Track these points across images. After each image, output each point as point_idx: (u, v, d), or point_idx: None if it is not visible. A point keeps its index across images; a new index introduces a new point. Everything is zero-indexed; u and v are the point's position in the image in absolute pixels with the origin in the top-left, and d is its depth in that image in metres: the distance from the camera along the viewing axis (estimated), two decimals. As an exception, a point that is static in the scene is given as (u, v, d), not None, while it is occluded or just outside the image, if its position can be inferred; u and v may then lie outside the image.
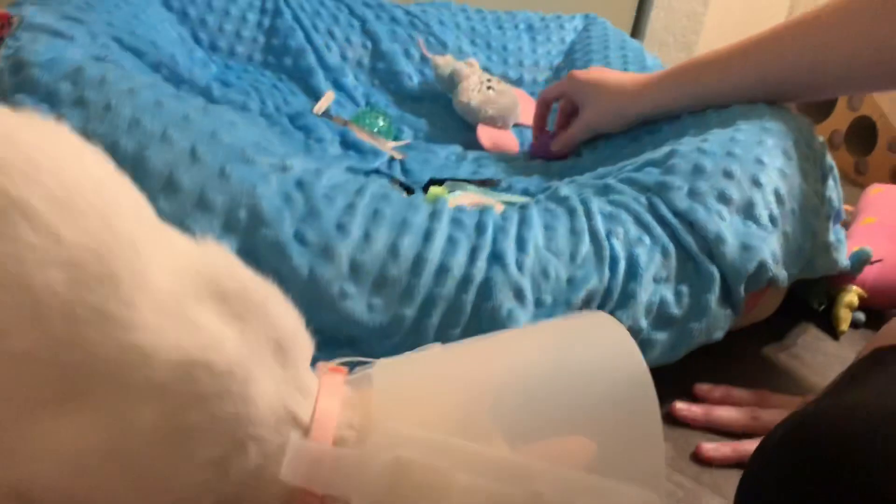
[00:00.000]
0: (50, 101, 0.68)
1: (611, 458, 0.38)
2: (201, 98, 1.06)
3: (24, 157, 0.38)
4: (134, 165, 0.65)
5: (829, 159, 0.92)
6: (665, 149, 0.87)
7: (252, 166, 0.67)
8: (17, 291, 0.35)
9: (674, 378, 0.75)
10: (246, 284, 0.42)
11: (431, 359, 0.47)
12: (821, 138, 0.93)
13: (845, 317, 0.95)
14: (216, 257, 0.43)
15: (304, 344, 0.44)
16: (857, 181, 1.58)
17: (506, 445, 0.39)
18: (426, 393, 0.43)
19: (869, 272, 0.97)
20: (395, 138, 1.18)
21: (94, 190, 0.41)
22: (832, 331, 0.95)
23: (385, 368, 0.44)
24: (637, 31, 1.63)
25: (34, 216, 0.36)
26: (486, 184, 1.05)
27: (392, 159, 1.08)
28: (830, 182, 0.91)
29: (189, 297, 0.40)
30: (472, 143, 1.19)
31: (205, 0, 1.22)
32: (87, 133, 0.66)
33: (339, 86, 1.24)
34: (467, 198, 0.94)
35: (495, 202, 0.93)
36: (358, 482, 0.38)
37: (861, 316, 0.97)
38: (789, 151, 0.84)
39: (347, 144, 1.07)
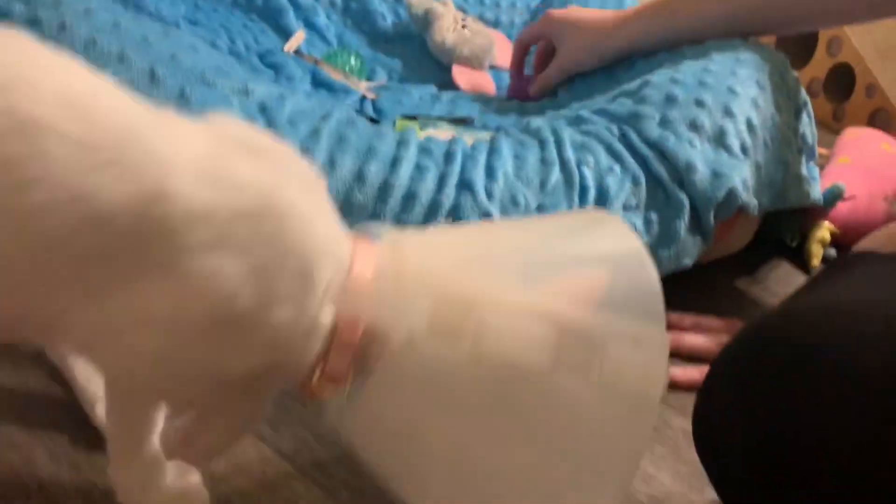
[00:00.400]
0: (2, 20, 0.66)
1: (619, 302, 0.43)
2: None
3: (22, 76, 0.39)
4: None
5: (804, 94, 0.91)
6: (638, 80, 0.86)
7: (213, 89, 0.66)
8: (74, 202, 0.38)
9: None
10: (267, 140, 0.45)
11: (449, 229, 0.55)
12: (795, 73, 0.92)
13: (817, 252, 0.95)
14: (230, 123, 0.45)
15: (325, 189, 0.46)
16: (834, 128, 1.57)
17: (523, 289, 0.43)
18: (447, 248, 0.47)
19: (841, 208, 0.97)
20: (369, 79, 1.16)
21: (93, 93, 0.42)
22: (804, 266, 0.95)
23: (401, 233, 0.47)
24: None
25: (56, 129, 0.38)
26: (460, 122, 1.03)
27: (364, 98, 1.07)
28: (805, 117, 0.91)
29: (227, 157, 0.42)
30: (447, 84, 1.17)
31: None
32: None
33: (310, 25, 1.22)
34: (439, 133, 0.93)
35: (467, 137, 0.92)
36: (398, 313, 0.41)
37: (833, 252, 0.97)
38: (763, 82, 0.83)
39: (318, 83, 1.06)
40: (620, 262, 0.46)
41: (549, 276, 0.44)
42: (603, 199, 0.73)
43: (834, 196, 0.94)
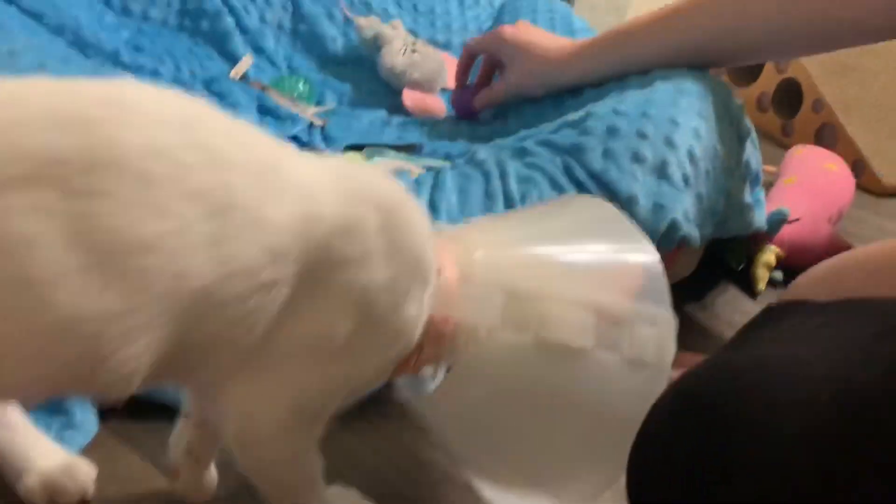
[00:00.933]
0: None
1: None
2: (100, 59, 1.02)
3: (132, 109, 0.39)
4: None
5: (748, 122, 0.92)
6: (582, 111, 0.87)
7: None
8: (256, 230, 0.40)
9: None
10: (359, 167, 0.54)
11: (492, 223, 0.63)
12: (739, 101, 0.93)
13: (763, 276, 0.96)
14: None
15: None
16: (784, 143, 1.60)
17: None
18: (501, 244, 0.55)
19: (786, 231, 0.98)
20: (318, 103, 1.15)
21: (243, 128, 0.44)
22: (751, 290, 0.96)
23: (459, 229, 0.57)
24: (568, -8, 1.62)
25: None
26: (408, 149, 1.03)
27: (312, 125, 1.06)
28: (748, 145, 0.92)
29: (348, 178, 0.47)
30: (398, 108, 1.17)
31: (115, -40, 1.16)
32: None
33: (259, 50, 1.20)
34: (386, 164, 0.92)
35: (414, 167, 0.92)
36: (480, 308, 0.50)
37: (779, 275, 0.99)
38: (705, 113, 0.84)
39: (265, 110, 1.04)
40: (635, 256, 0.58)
41: (586, 272, 0.56)
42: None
43: (778, 221, 0.95)
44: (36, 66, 0.65)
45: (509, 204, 0.73)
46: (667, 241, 0.76)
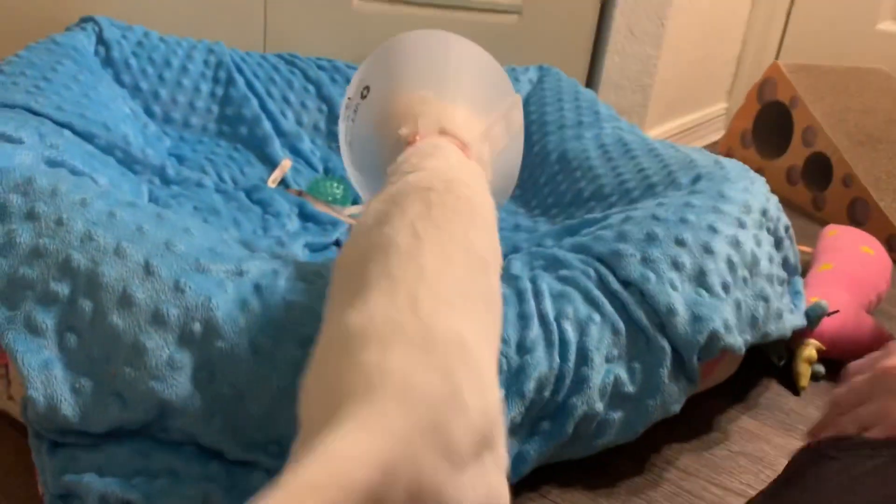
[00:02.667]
0: (0, 215, 0.67)
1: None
2: (157, 180, 1.06)
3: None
4: (88, 281, 0.64)
5: (786, 220, 0.93)
6: (620, 214, 0.88)
7: (207, 275, 0.67)
8: None
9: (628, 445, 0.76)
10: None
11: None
12: (774, 199, 0.94)
13: (805, 372, 0.95)
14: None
15: None
16: (815, 216, 1.60)
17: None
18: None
19: (826, 324, 0.98)
20: (354, 202, 1.18)
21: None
22: (794, 386, 0.96)
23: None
24: (592, 76, 1.65)
25: None
26: None
27: (351, 228, 1.08)
28: (787, 242, 0.92)
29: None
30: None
31: (156, 73, 1.21)
32: (38, 249, 0.65)
33: (296, 151, 1.24)
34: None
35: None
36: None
37: (821, 369, 0.98)
38: (744, 220, 0.85)
39: (305, 216, 1.07)
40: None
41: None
42: (584, 354, 0.73)
43: (818, 315, 0.95)
44: (106, 214, 0.68)
45: (545, 325, 0.74)
46: (707, 352, 0.76)
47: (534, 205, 1.21)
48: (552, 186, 1.19)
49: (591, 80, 1.66)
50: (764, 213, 0.90)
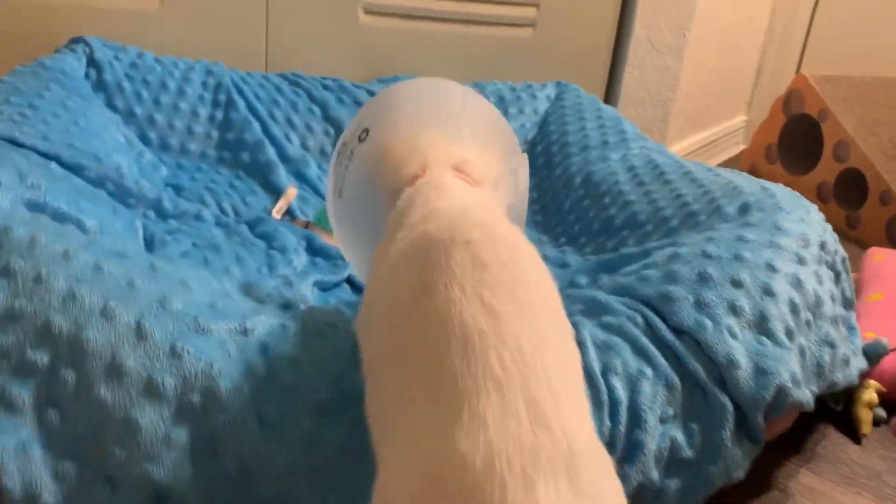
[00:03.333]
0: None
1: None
2: (153, 214, 0.98)
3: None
4: (70, 347, 0.55)
5: (842, 251, 0.85)
6: (663, 249, 0.80)
7: (207, 337, 0.58)
8: None
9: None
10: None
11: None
12: (829, 228, 0.85)
13: (866, 417, 0.87)
14: None
15: None
16: (849, 235, 1.52)
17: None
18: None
19: (887, 363, 0.89)
20: (365, 233, 1.10)
21: None
22: (854, 433, 0.87)
23: None
24: (611, 91, 1.57)
25: None
26: None
27: (362, 263, 1.00)
28: (843, 276, 0.84)
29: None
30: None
31: (152, 96, 1.13)
32: (13, 311, 0.56)
33: (302, 178, 1.16)
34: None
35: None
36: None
37: (882, 413, 0.89)
38: (803, 255, 0.76)
39: (314, 250, 0.99)
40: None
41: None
42: (636, 416, 0.64)
43: (878, 354, 0.86)
44: (91, 268, 0.59)
45: (592, 384, 0.65)
46: (773, 408, 0.68)
47: (558, 232, 1.13)
48: (578, 213, 1.11)
49: (610, 95, 1.58)
50: (822, 246, 0.81)
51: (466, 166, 0.66)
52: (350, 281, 0.95)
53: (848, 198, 1.54)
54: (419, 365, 0.43)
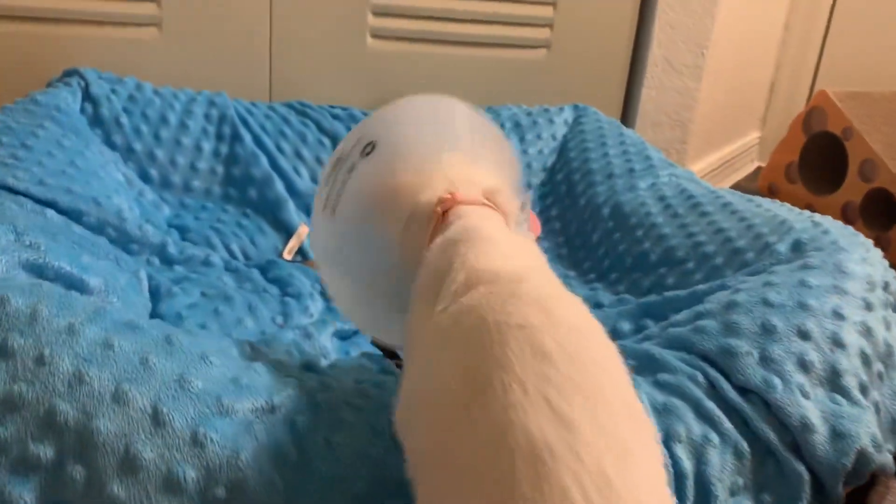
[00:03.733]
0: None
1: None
2: (157, 260, 0.91)
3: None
4: (78, 439, 0.48)
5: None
6: (719, 293, 0.74)
7: (232, 419, 0.52)
8: None
9: None
10: None
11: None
12: (887, 265, 0.79)
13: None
14: None
15: None
16: (879, 258, 1.46)
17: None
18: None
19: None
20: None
21: None
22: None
23: None
24: (627, 112, 1.52)
25: None
26: None
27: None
28: (903, 314, 0.78)
29: None
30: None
31: (152, 131, 1.07)
32: (12, 398, 0.50)
33: (311, 213, 1.09)
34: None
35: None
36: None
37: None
38: (869, 299, 0.70)
39: (328, 294, 0.92)
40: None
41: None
42: (704, 489, 0.58)
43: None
44: (101, 344, 0.52)
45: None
46: (855, 476, 0.62)
47: (587, 267, 1.07)
48: (608, 246, 1.04)
49: (626, 117, 1.52)
50: (886, 286, 0.75)
51: (497, 197, 0.59)
52: (371, 329, 0.89)
53: (876, 218, 1.49)
54: (478, 483, 0.36)
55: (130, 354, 0.53)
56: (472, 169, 0.62)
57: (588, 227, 1.11)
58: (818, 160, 1.62)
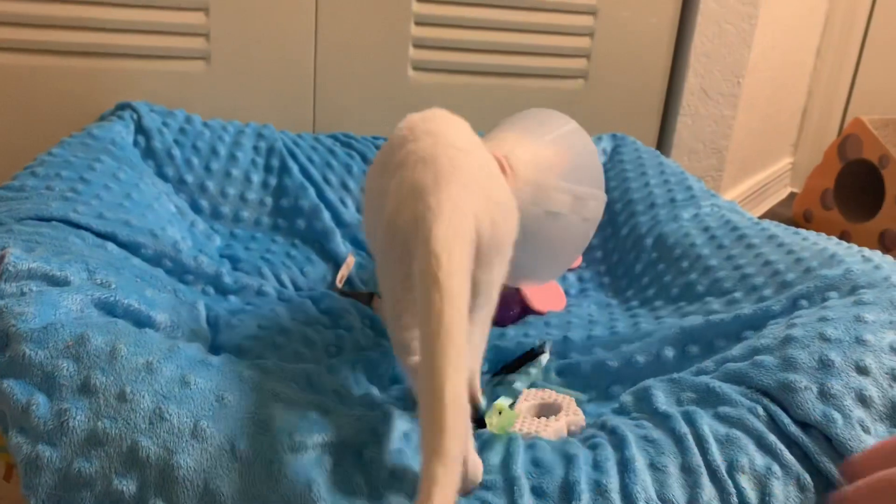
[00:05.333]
0: (47, 387, 0.53)
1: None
2: (212, 290, 0.93)
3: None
4: (160, 474, 0.50)
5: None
6: (777, 330, 0.74)
7: (303, 455, 0.53)
8: None
9: None
10: None
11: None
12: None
13: None
14: None
15: None
16: (919, 285, 1.45)
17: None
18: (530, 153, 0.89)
19: None
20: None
21: None
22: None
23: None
24: (663, 140, 1.53)
25: None
26: (535, 356, 0.90)
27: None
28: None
29: None
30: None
31: (202, 163, 1.09)
32: (97, 434, 0.51)
33: (358, 244, 1.11)
34: (530, 404, 0.80)
35: (566, 402, 0.79)
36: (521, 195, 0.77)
37: None
38: (925, 330, 0.70)
39: (377, 328, 0.93)
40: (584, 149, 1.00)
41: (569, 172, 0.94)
42: (772, 523, 0.58)
43: None
44: (178, 382, 0.54)
45: (717, 483, 0.60)
46: (917, 513, 0.61)
47: (629, 295, 1.07)
48: (652, 276, 1.05)
49: (662, 145, 1.53)
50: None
51: (509, 157, 0.83)
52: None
53: (915, 246, 1.48)
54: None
55: (206, 392, 0.54)
56: (516, 144, 0.88)
57: (631, 256, 1.11)
58: (854, 187, 1.62)
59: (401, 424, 0.61)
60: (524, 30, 1.35)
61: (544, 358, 0.89)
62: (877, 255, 0.86)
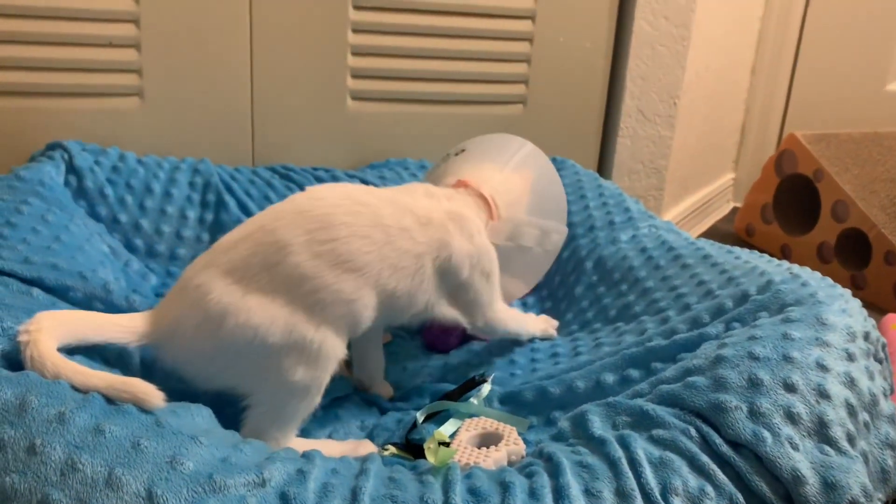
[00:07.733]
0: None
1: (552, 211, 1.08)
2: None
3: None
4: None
5: (882, 338, 0.80)
6: (709, 350, 0.75)
7: (224, 496, 0.52)
8: None
9: None
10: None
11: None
12: (866, 315, 0.81)
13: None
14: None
15: None
16: (857, 296, 1.48)
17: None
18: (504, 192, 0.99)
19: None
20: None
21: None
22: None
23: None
24: (604, 162, 1.55)
25: None
26: (476, 384, 0.90)
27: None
28: (885, 363, 0.79)
29: None
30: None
31: (136, 201, 1.08)
32: (4, 490, 0.49)
33: (298, 277, 1.10)
34: (471, 434, 0.79)
35: (507, 431, 0.79)
36: (497, 232, 0.95)
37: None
38: (851, 349, 0.72)
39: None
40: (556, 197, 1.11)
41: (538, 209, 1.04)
42: (707, 545, 0.59)
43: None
44: (91, 430, 0.52)
45: (648, 502, 0.60)
46: (848, 527, 0.62)
47: (569, 318, 1.08)
48: (591, 298, 1.06)
49: (602, 166, 1.55)
50: (866, 336, 0.77)
51: (481, 188, 0.94)
52: (357, 389, 0.89)
53: (851, 258, 1.52)
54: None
55: (121, 439, 0.53)
56: (491, 174, 0.98)
57: (571, 279, 1.12)
58: (792, 201, 1.66)
59: (326, 464, 0.60)
60: (462, 58, 1.36)
61: (486, 387, 0.89)
62: (805, 272, 0.88)
